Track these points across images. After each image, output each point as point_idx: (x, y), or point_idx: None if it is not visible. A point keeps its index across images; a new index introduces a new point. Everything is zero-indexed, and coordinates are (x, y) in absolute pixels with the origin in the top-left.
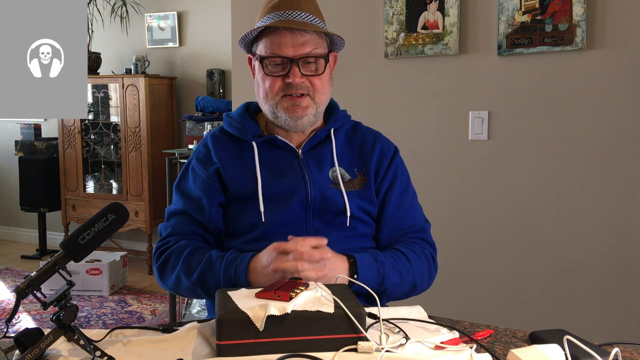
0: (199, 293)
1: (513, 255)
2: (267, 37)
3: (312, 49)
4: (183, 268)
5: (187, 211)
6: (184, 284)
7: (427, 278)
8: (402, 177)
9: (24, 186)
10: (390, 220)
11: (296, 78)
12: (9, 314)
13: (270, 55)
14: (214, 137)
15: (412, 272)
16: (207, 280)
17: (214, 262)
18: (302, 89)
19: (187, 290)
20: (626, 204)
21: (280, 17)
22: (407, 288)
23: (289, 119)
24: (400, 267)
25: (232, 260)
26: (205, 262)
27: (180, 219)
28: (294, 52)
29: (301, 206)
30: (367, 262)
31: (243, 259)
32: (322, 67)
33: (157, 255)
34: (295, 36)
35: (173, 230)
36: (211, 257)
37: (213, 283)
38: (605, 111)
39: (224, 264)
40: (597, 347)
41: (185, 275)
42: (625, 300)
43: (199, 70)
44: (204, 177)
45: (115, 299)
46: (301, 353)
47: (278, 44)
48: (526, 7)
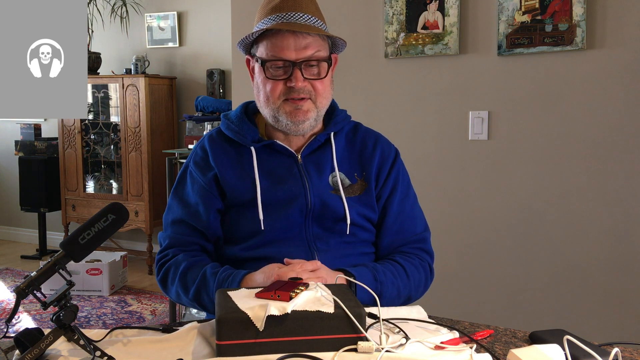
0: (199, 308)
1: (513, 255)
2: (268, 39)
3: (315, 51)
4: (180, 285)
5: (184, 219)
6: (184, 299)
7: (423, 288)
8: (402, 182)
9: (24, 186)
10: (391, 227)
11: (299, 82)
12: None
13: (272, 58)
14: (212, 140)
15: (409, 286)
16: (202, 297)
17: (208, 280)
18: (304, 92)
19: (188, 304)
20: (626, 204)
21: (281, 19)
22: (402, 300)
23: (290, 123)
24: (399, 283)
25: (225, 279)
26: (200, 279)
27: (178, 229)
28: (296, 55)
29: (301, 213)
30: (366, 280)
31: (235, 278)
32: (324, 71)
33: (158, 268)
34: (298, 39)
35: (171, 242)
36: (205, 275)
37: (208, 300)
38: (605, 111)
39: (216, 283)
40: (597, 347)
41: (183, 292)
42: (625, 300)
43: (199, 70)
44: (201, 183)
45: (115, 299)
46: (301, 353)
47: (280, 46)
48: (526, 7)
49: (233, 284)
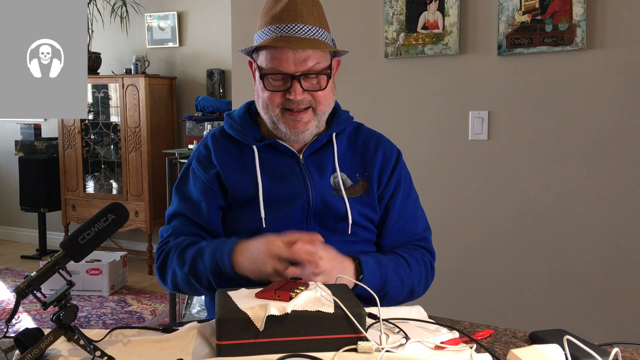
0: (192, 283)
1: (513, 255)
2: (267, 50)
3: (314, 64)
4: (178, 261)
5: (186, 214)
6: (179, 276)
7: (424, 284)
8: (405, 182)
9: (24, 186)
10: (393, 227)
11: (297, 95)
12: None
13: (271, 71)
14: (215, 138)
15: (412, 277)
16: (197, 267)
17: (204, 249)
18: (304, 103)
19: (183, 282)
20: (626, 203)
21: (281, 32)
22: (406, 293)
23: (289, 132)
24: (401, 272)
25: (219, 245)
26: (197, 250)
27: (180, 221)
28: (295, 68)
29: (302, 211)
30: (371, 264)
31: (227, 245)
32: (324, 82)
33: (157, 255)
34: (297, 52)
35: (173, 232)
36: (201, 245)
37: (202, 268)
38: (605, 111)
39: (212, 246)
40: (597, 347)
41: (179, 267)
42: (625, 300)
43: (199, 70)
44: (203, 180)
45: (115, 299)
46: (301, 353)
47: (279, 59)
48: (526, 7)
49: (227, 247)
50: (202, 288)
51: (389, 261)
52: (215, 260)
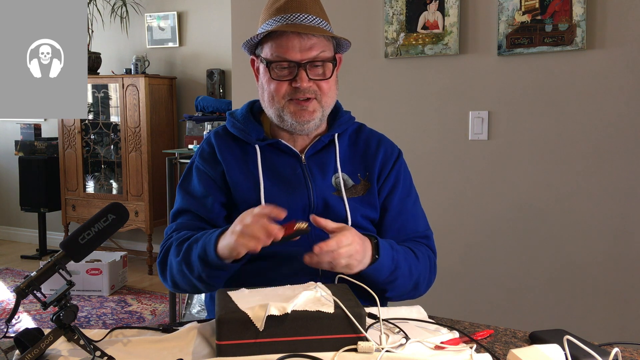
0: (185, 272)
1: (513, 255)
2: (273, 40)
3: (320, 52)
4: (175, 250)
5: (190, 209)
6: (174, 266)
7: (427, 281)
8: (404, 181)
9: (24, 186)
10: (392, 224)
11: (304, 83)
12: (9, 314)
13: (277, 59)
14: (218, 136)
15: (418, 268)
16: (190, 254)
17: (200, 237)
18: (310, 92)
19: (178, 273)
20: (626, 203)
21: (286, 20)
22: (411, 285)
23: (295, 123)
24: (410, 260)
25: (213, 232)
26: (194, 239)
27: (185, 217)
28: (301, 56)
29: (303, 212)
30: (386, 247)
31: (218, 231)
32: (329, 71)
33: (160, 251)
34: (303, 40)
35: (177, 227)
36: (199, 234)
37: (194, 255)
38: (605, 111)
39: (207, 233)
40: (597, 347)
41: (175, 257)
42: (625, 300)
43: (199, 70)
44: (208, 175)
45: (115, 299)
46: (301, 353)
47: (285, 47)
48: (526, 7)
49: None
50: (194, 278)
51: (400, 248)
52: (204, 245)
